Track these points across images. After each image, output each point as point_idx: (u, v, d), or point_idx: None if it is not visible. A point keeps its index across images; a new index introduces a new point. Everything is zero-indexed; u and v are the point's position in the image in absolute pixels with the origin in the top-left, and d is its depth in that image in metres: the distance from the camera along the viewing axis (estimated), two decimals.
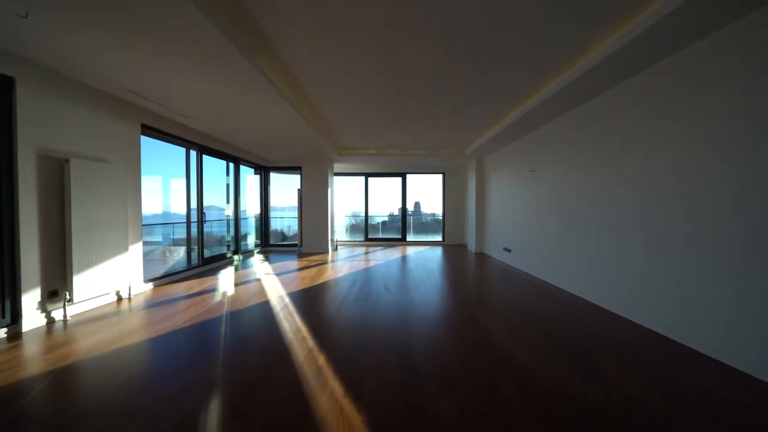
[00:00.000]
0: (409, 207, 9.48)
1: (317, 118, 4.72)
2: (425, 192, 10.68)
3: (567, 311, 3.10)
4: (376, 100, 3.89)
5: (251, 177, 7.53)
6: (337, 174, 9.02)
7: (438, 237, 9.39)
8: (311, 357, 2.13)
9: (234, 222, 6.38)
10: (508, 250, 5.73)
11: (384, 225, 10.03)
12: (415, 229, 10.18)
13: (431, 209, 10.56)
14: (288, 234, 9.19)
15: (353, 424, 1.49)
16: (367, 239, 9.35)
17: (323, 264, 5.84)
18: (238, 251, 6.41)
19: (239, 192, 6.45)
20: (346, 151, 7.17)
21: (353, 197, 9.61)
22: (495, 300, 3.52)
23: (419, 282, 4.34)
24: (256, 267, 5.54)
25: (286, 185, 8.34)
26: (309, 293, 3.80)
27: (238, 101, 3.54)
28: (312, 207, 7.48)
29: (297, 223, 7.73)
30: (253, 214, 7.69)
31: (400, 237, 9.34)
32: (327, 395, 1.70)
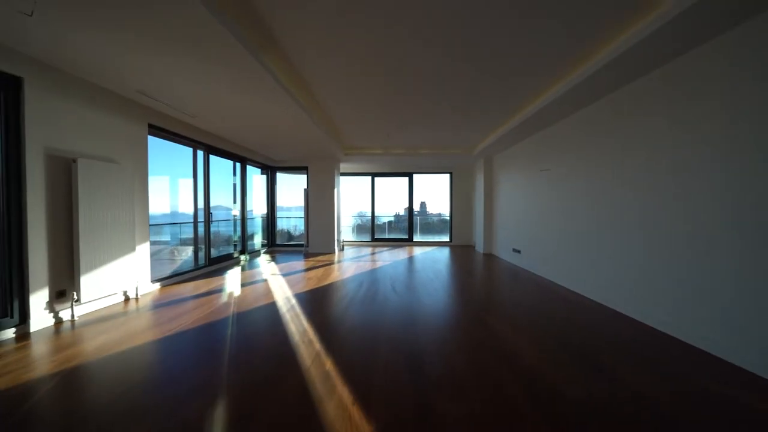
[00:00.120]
0: (415, 207, 9.40)
1: (324, 117, 4.68)
2: (431, 192, 10.59)
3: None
4: (383, 100, 3.82)
5: (258, 177, 7.55)
6: (343, 174, 8.98)
7: (445, 237, 9.29)
8: (318, 361, 2.08)
9: (241, 222, 6.38)
10: (517, 251, 5.63)
11: (390, 225, 9.97)
12: (421, 230, 10.10)
13: (437, 209, 10.48)
14: (294, 234, 9.19)
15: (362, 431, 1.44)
16: (374, 240, 9.29)
17: (330, 264, 5.80)
18: (244, 251, 6.41)
19: (246, 192, 6.45)
20: (352, 151, 7.12)
21: (359, 197, 9.58)
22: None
23: (427, 283, 4.27)
24: (262, 267, 5.53)
25: (292, 185, 8.34)
26: (316, 294, 3.76)
27: (245, 101, 3.50)
28: (318, 207, 7.45)
29: (303, 223, 7.71)
30: (260, 214, 7.70)
31: (406, 237, 9.26)
32: (335, 402, 1.65)
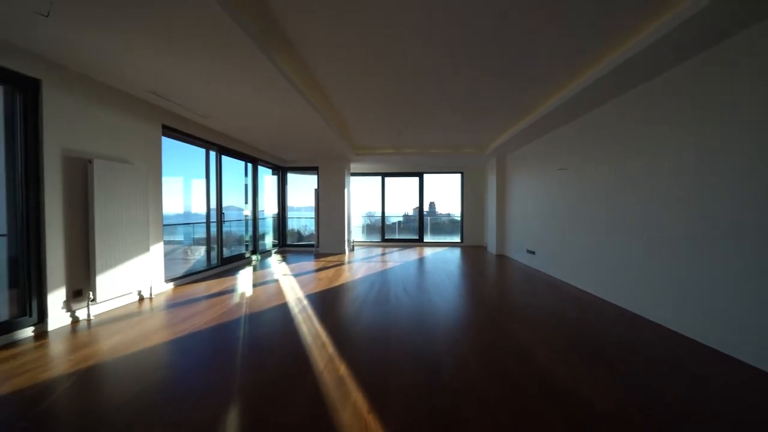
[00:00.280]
0: (425, 207, 9.30)
1: (335, 117, 4.65)
2: (441, 192, 10.46)
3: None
4: (392, 99, 3.76)
5: (269, 177, 7.58)
6: (354, 174, 8.95)
7: (455, 238, 9.17)
8: (332, 365, 2.04)
9: (252, 222, 6.41)
10: (531, 252, 5.49)
11: (399, 225, 9.90)
12: (432, 230, 10.00)
13: (446, 209, 10.35)
14: (304, 234, 9.21)
15: None
16: (384, 240, 9.24)
17: (340, 265, 5.77)
18: (256, 251, 6.44)
19: (257, 192, 6.48)
20: (363, 151, 7.08)
21: (369, 197, 9.54)
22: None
23: (439, 284, 4.19)
24: (274, 267, 5.53)
25: (303, 185, 8.36)
26: (328, 295, 3.72)
27: (257, 101, 3.49)
28: (329, 207, 7.44)
29: (314, 224, 7.71)
30: (271, 214, 7.74)
31: (417, 238, 9.18)
32: (350, 408, 1.60)
